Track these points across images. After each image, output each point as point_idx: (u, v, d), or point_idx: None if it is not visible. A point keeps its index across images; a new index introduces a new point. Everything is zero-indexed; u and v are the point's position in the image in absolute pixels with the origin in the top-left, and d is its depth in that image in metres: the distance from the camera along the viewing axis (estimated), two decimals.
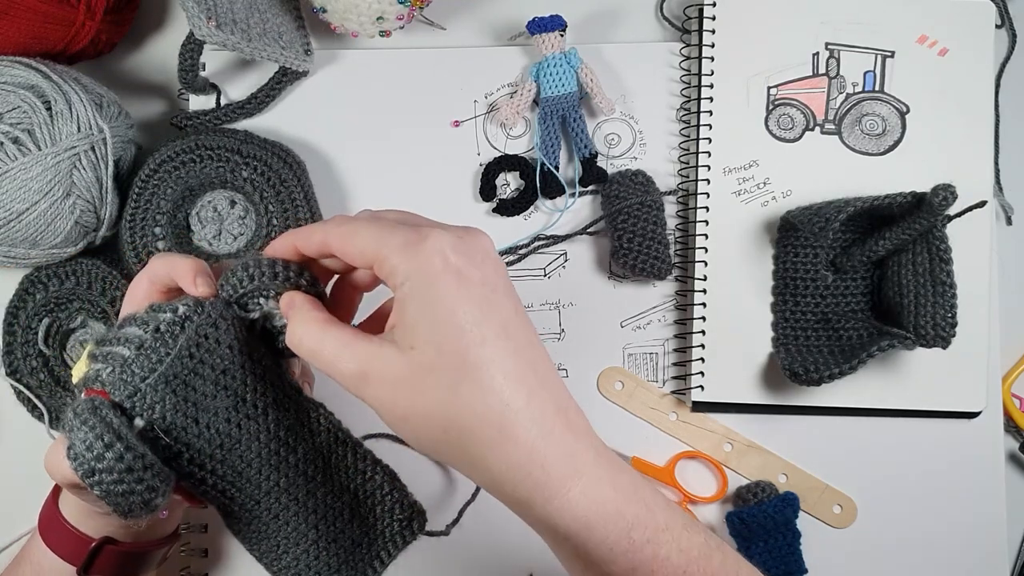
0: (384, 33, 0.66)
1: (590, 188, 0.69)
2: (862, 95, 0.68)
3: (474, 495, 0.66)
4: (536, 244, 0.69)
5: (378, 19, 0.64)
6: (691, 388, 0.67)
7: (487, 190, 0.69)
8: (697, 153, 0.68)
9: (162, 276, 0.46)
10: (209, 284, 0.45)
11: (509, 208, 0.69)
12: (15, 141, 0.59)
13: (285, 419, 0.46)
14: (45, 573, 0.53)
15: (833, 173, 0.67)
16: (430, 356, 0.39)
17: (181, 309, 0.44)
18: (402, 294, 0.40)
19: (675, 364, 0.68)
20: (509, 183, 0.69)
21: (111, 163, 0.62)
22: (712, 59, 0.68)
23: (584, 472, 0.40)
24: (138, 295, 0.47)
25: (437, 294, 0.39)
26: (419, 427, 0.40)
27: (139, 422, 0.43)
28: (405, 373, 0.39)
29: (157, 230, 0.64)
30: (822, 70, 0.68)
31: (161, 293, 0.47)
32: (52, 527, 0.53)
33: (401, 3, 0.63)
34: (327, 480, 0.48)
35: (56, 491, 0.55)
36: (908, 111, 0.68)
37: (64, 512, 0.53)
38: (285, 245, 0.44)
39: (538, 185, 0.68)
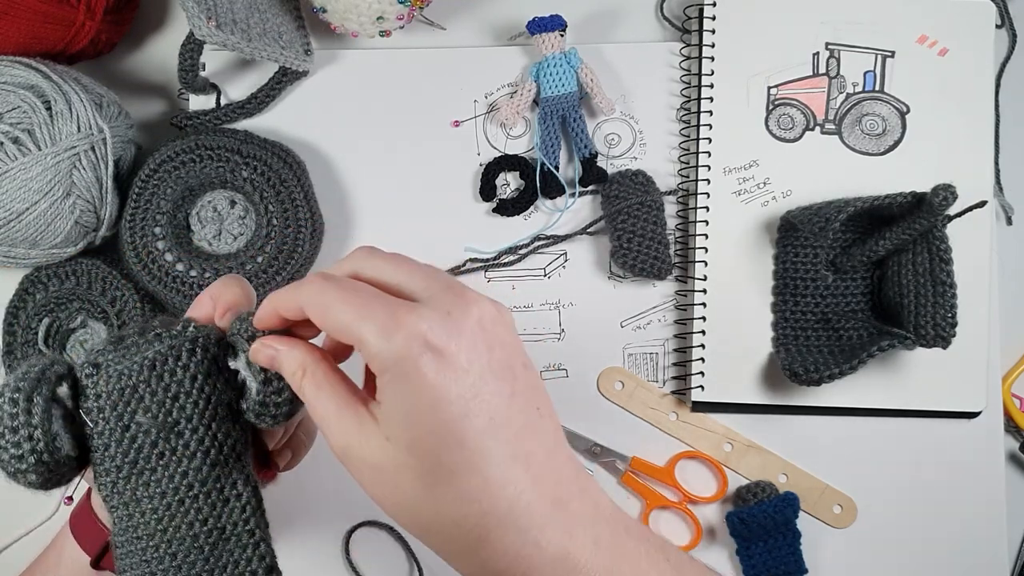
0: (384, 33, 0.66)
1: (590, 188, 0.69)
2: (862, 95, 0.68)
3: None
4: (536, 244, 0.69)
5: (378, 19, 0.64)
6: (691, 388, 0.66)
7: (487, 190, 0.69)
8: (697, 153, 0.68)
9: (218, 296, 0.44)
10: (228, 318, 0.43)
11: (509, 208, 0.69)
12: (15, 141, 0.59)
13: (201, 478, 0.43)
14: (65, 560, 0.53)
15: (833, 173, 0.67)
16: (403, 454, 0.36)
17: (190, 329, 0.43)
18: (381, 383, 0.37)
19: (675, 364, 0.68)
20: (509, 183, 0.69)
21: (111, 163, 0.62)
22: (712, 59, 0.68)
23: (576, 573, 0.37)
24: (199, 309, 0.44)
25: (412, 388, 0.35)
26: (396, 516, 0.38)
27: (64, 390, 0.42)
28: (381, 462, 0.37)
29: (157, 230, 0.64)
30: (822, 70, 0.68)
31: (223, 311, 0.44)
32: (80, 514, 0.53)
33: (401, 3, 0.63)
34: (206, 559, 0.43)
35: None
36: (908, 111, 0.68)
37: (93, 502, 0.52)
38: (268, 313, 0.41)
39: (538, 185, 0.68)
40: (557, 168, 0.68)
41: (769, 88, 0.68)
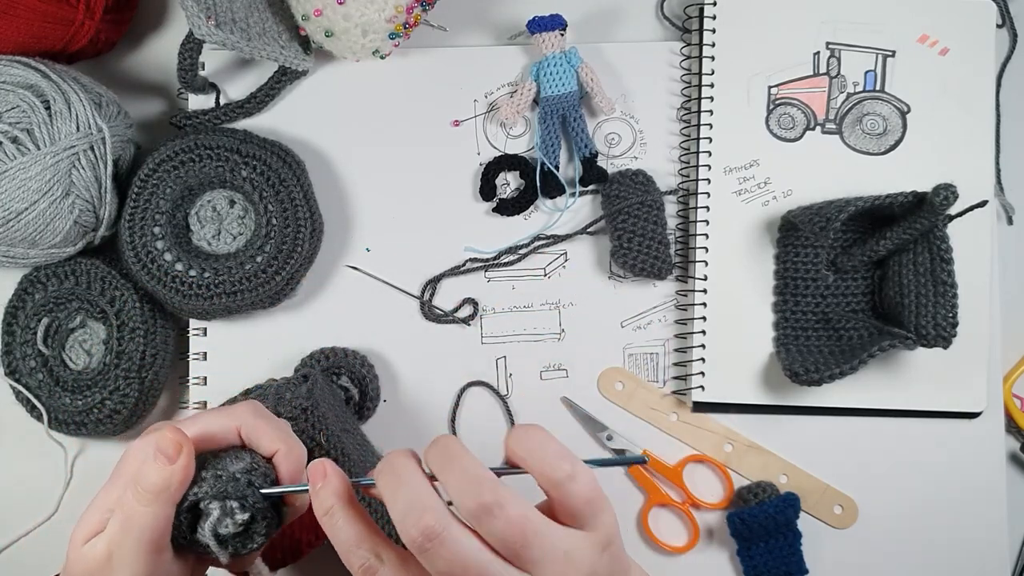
0: (383, 56, 0.66)
1: (590, 188, 0.69)
2: (863, 95, 0.68)
3: None
4: (536, 244, 0.69)
5: (374, 53, 0.65)
6: (692, 388, 0.66)
7: (487, 190, 0.68)
8: (697, 153, 0.68)
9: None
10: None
11: (509, 208, 0.68)
12: (14, 140, 0.59)
13: None
14: None
15: (834, 173, 0.67)
16: None
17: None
18: None
19: (676, 364, 0.68)
20: (509, 183, 0.69)
21: (110, 163, 0.62)
22: (712, 58, 0.68)
23: None
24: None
25: None
26: None
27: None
28: None
29: (156, 230, 0.64)
30: (823, 69, 0.68)
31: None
32: None
33: (392, 37, 0.64)
34: None
35: None
36: (909, 111, 0.67)
37: None
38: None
39: (538, 185, 0.68)
40: (557, 168, 0.68)
41: (770, 88, 0.68)
